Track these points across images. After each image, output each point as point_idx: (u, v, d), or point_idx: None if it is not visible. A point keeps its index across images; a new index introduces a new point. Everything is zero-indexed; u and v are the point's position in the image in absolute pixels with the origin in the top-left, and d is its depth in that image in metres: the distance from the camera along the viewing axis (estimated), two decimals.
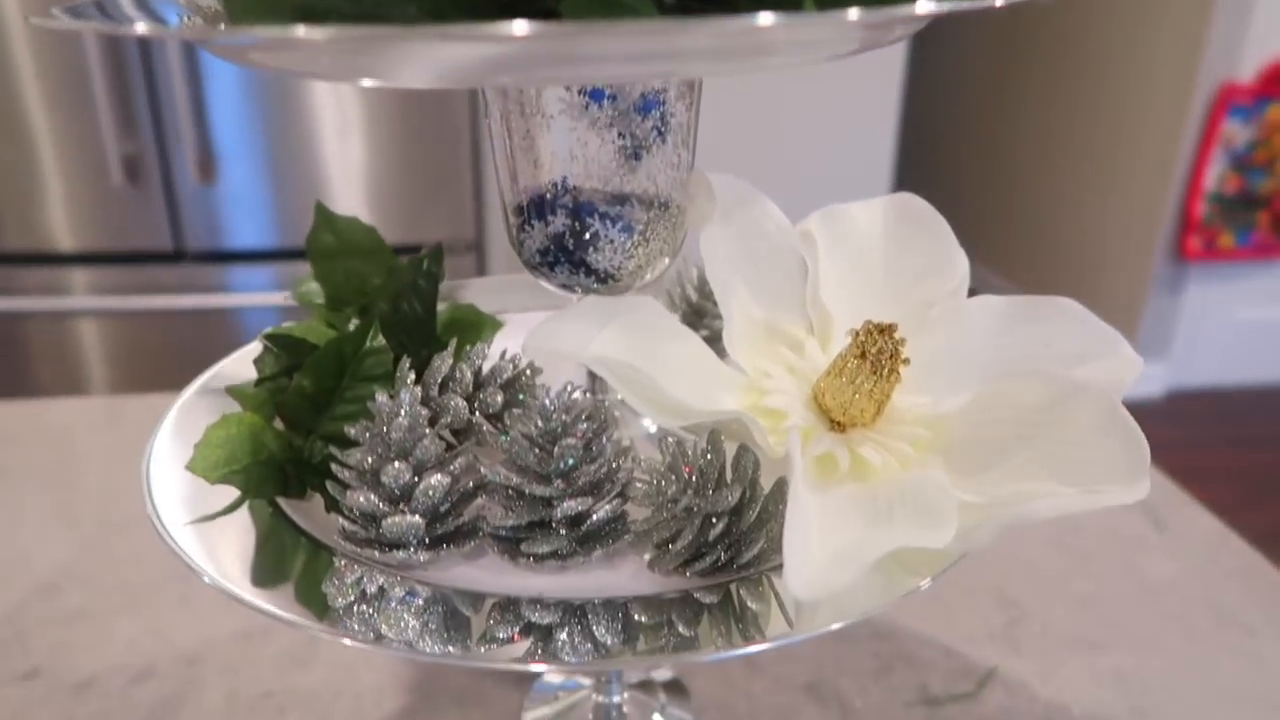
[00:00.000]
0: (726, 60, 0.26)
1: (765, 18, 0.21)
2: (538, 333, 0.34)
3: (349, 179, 1.49)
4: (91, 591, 0.57)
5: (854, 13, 0.22)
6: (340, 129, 1.47)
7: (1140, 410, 0.35)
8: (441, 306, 0.47)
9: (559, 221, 0.36)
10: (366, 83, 0.25)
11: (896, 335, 0.35)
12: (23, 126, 1.43)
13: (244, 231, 1.53)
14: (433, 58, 0.24)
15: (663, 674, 0.52)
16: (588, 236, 0.36)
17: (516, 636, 0.28)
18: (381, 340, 0.38)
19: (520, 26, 0.20)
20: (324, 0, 0.25)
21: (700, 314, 0.47)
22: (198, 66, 1.41)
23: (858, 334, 0.35)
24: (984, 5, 0.25)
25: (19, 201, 1.48)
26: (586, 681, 0.51)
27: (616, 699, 0.49)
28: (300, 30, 0.21)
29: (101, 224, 1.50)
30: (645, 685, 0.51)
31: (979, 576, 0.60)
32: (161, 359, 1.56)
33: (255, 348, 0.44)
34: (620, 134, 0.34)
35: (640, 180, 0.36)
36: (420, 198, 1.48)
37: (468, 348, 0.39)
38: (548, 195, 0.35)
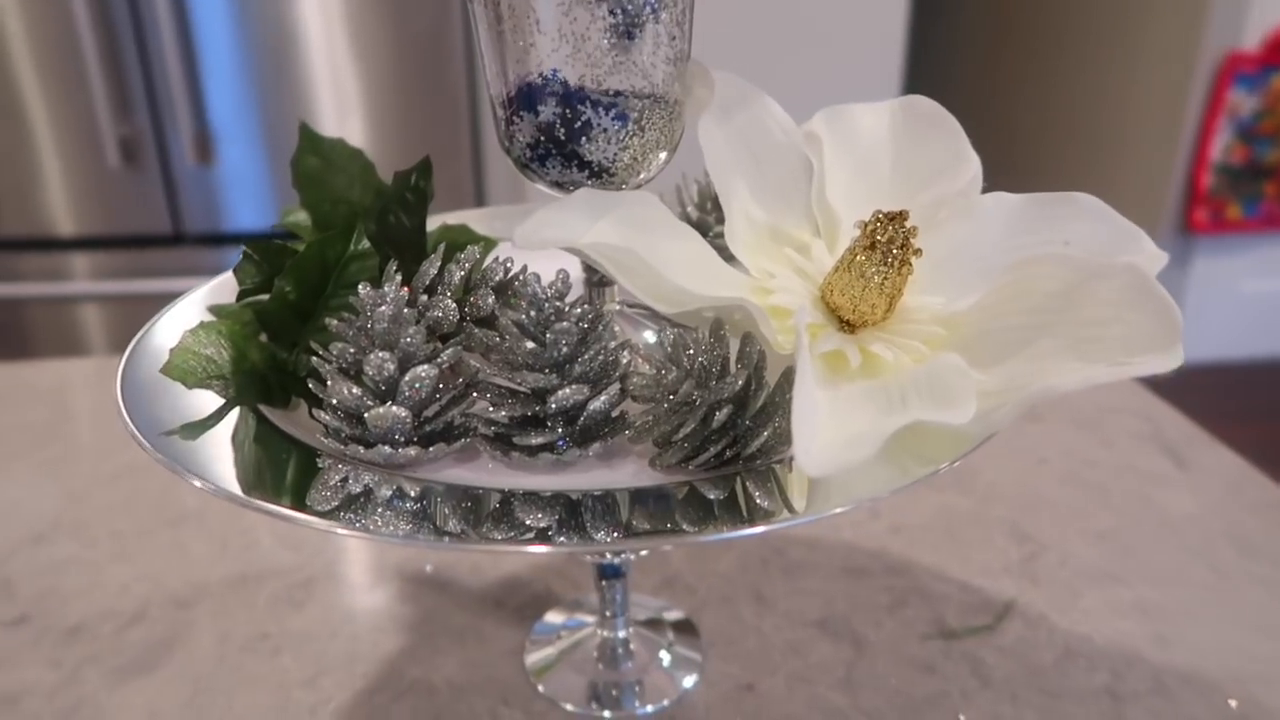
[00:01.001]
0: None
1: None
2: (530, 222, 0.32)
3: None
4: (81, 540, 0.55)
5: None
6: (339, 107, 1.45)
7: (1146, 383, 0.33)
8: (432, 226, 0.45)
9: (549, 110, 0.34)
10: None
11: (907, 223, 0.33)
12: (18, 110, 1.42)
13: (242, 213, 1.51)
14: None
15: (672, 614, 0.50)
16: (579, 125, 0.34)
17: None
18: (367, 244, 0.36)
19: None
20: None
21: (702, 229, 0.45)
22: (193, 44, 1.40)
23: (866, 224, 0.34)
24: None
25: (17, 186, 1.46)
26: (590, 619, 0.49)
27: (622, 634, 0.47)
28: None
29: (99, 207, 1.48)
30: (652, 623, 0.49)
31: (994, 511, 0.58)
32: None
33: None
34: (611, 10, 0.32)
35: (634, 65, 0.34)
36: (419, 149, 1.47)
37: (458, 253, 0.37)
38: (536, 82, 0.34)
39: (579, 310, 0.31)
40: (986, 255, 0.37)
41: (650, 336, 0.40)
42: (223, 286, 0.43)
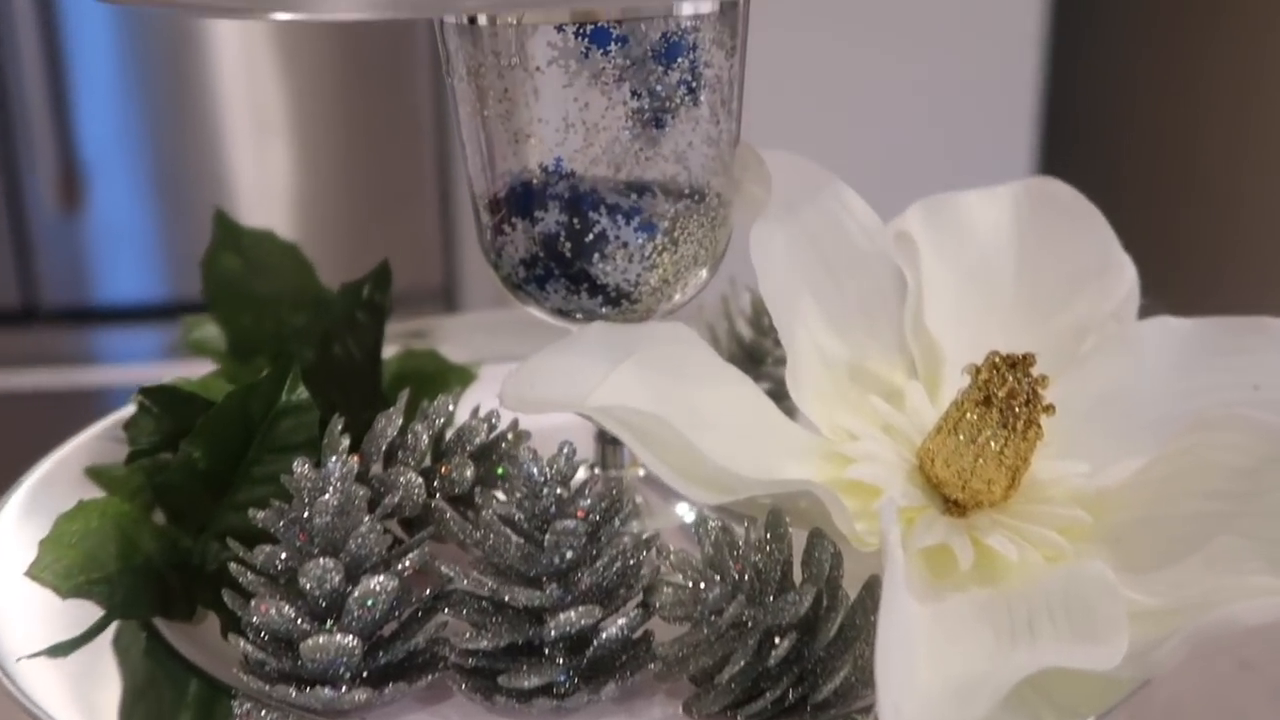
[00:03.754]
0: None
1: None
2: (521, 374, 0.34)
3: (267, 200, 1.51)
4: None
5: None
6: (256, 130, 1.50)
7: None
8: (390, 351, 0.48)
9: (551, 218, 0.36)
10: (281, 16, 0.26)
11: (1034, 370, 0.35)
12: None
13: (119, 279, 1.55)
14: None
15: None
16: (591, 238, 0.36)
17: None
18: (304, 393, 0.38)
19: None
20: None
21: (756, 357, 0.48)
22: (59, 48, 1.45)
23: (978, 370, 0.35)
24: None
25: None
26: None
27: None
28: None
29: None
30: None
31: None
32: (9, 454, 1.57)
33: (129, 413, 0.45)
34: (635, 92, 0.35)
35: (664, 160, 0.36)
36: (366, 224, 1.50)
37: (425, 403, 0.39)
38: (535, 181, 0.36)
39: (589, 498, 0.33)
40: (1146, 407, 0.39)
41: (686, 513, 0.42)
42: (109, 436, 0.45)
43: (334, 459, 0.33)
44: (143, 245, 1.52)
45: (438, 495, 0.37)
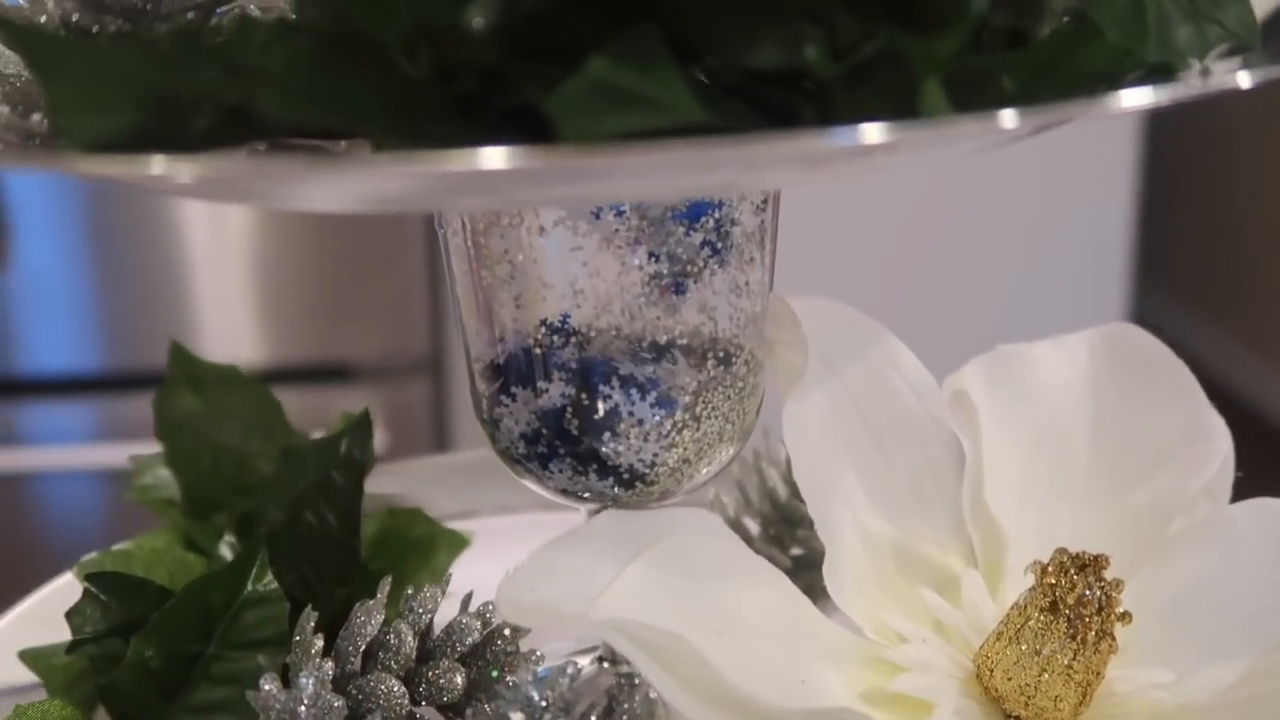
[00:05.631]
0: (810, 169, 0.29)
1: (874, 131, 0.24)
2: (519, 577, 0.36)
3: (225, 258, 1.52)
4: None
5: (1010, 117, 0.25)
6: None
7: None
8: (370, 499, 0.49)
9: (555, 390, 0.38)
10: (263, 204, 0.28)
11: (1107, 573, 0.37)
12: None
13: (48, 346, 1.56)
14: (360, 185, 0.27)
15: None
16: (601, 414, 0.38)
17: None
18: (272, 583, 0.40)
19: (495, 156, 0.23)
20: (194, 79, 0.28)
21: (792, 521, 0.49)
22: None
23: (1044, 571, 0.37)
24: (1225, 88, 0.28)
25: None
26: None
27: None
28: (157, 165, 0.24)
29: None
30: None
31: None
32: None
33: (69, 586, 0.47)
34: (653, 254, 0.37)
35: (686, 319, 0.38)
36: (341, 287, 1.52)
37: (408, 591, 0.41)
38: (537, 349, 0.38)
39: None
40: (1240, 603, 0.40)
41: None
42: (44, 610, 0.47)
43: (306, 675, 0.35)
44: (72, 306, 1.53)
45: (423, 703, 0.39)
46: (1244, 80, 0.28)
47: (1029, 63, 0.31)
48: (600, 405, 0.38)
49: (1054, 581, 0.37)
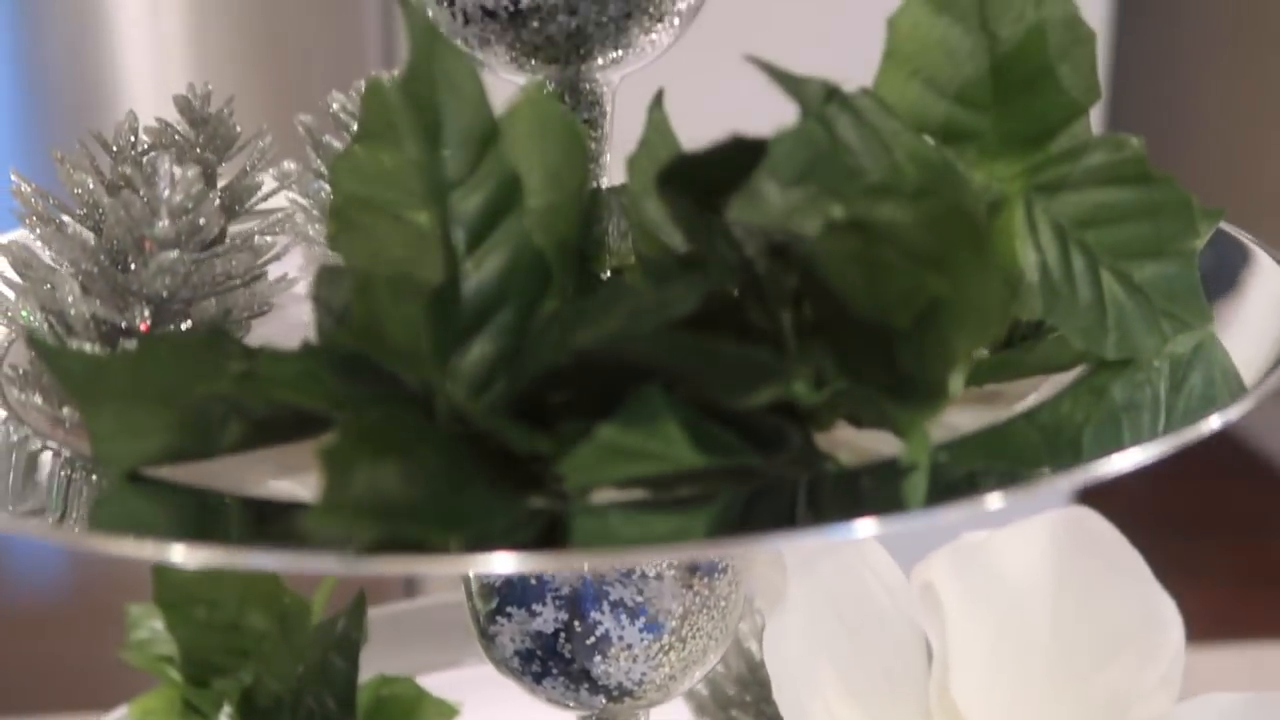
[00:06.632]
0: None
1: (868, 526, 0.26)
2: None
3: None
4: None
5: (996, 500, 0.27)
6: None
7: None
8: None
9: (548, 616, 0.40)
10: None
11: None
12: None
13: None
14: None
15: None
16: (593, 639, 0.41)
17: None
18: None
19: (504, 561, 0.25)
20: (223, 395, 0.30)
21: (767, 685, 0.51)
22: None
23: None
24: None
25: None
26: None
27: None
28: (179, 552, 0.26)
29: None
30: None
31: None
32: None
33: None
34: None
35: None
36: None
37: None
38: (532, 579, 0.40)
39: None
40: None
41: None
42: None
43: None
44: None
45: None
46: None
47: (994, 362, 0.34)
48: (592, 632, 0.40)
49: None
